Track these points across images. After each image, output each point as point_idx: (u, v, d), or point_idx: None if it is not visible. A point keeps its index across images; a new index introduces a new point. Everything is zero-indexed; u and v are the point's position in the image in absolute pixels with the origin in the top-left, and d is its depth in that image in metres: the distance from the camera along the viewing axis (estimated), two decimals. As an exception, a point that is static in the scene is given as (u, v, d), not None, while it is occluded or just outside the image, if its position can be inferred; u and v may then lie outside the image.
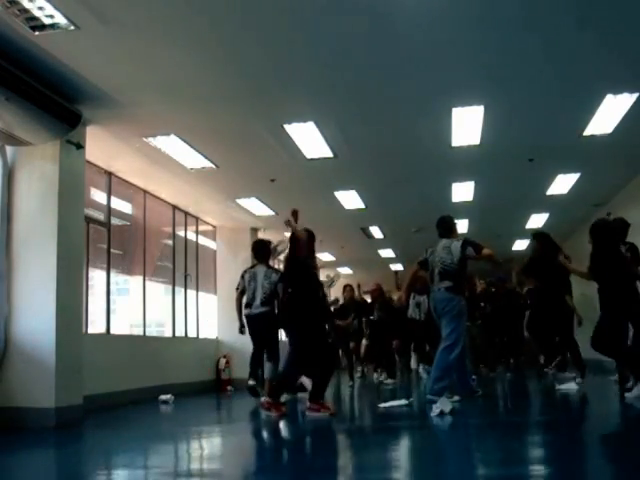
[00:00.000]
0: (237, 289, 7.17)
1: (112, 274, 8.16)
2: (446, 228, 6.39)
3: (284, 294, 6.16)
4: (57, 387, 5.45)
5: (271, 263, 7.57)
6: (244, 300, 7.07)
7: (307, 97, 6.06)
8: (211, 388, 10.19)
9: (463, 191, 9.56)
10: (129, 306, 9.30)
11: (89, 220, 7.33)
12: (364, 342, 11.32)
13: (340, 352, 9.95)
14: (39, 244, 5.66)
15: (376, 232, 12.62)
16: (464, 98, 6.15)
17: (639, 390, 5.71)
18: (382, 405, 6.13)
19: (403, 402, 6.09)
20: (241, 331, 7.10)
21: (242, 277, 7.11)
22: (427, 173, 8.72)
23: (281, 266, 14.60)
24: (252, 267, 7.17)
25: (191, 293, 10.55)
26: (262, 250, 7.22)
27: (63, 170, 5.79)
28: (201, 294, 10.92)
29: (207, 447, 4.66)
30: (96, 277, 8.02)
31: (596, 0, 4.56)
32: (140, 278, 8.95)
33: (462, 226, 12.19)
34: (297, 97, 6.06)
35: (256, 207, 9.96)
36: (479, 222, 11.81)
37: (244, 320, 7.04)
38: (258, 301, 6.88)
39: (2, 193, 5.71)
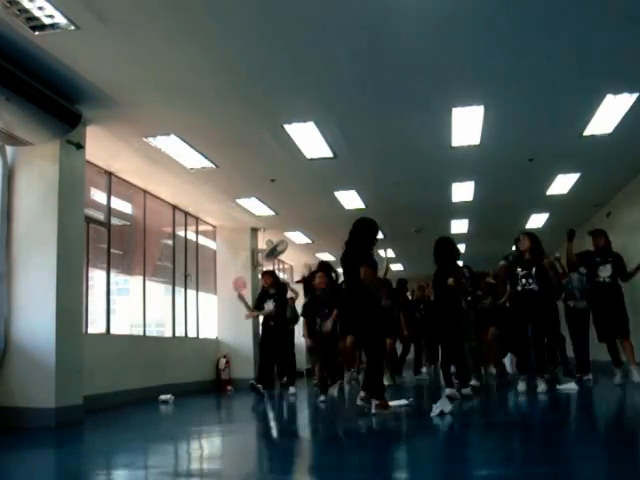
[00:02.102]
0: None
1: (112, 274, 8.16)
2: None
3: None
4: (57, 387, 5.45)
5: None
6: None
7: (307, 97, 6.06)
8: (211, 388, 10.19)
9: (463, 191, 9.55)
10: (129, 306, 9.31)
11: (89, 220, 7.33)
12: None
13: None
14: (39, 244, 5.66)
15: (376, 232, 12.59)
16: (464, 98, 6.14)
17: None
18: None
19: (403, 402, 6.08)
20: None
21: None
22: (427, 173, 8.71)
23: (282, 265, 14.51)
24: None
25: (191, 293, 10.55)
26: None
27: (63, 170, 5.80)
28: (201, 294, 10.92)
29: (207, 447, 4.66)
30: (96, 277, 8.02)
31: (595, 0, 4.57)
32: (140, 278, 8.95)
33: (462, 226, 12.21)
34: (297, 97, 6.05)
35: (256, 207, 9.96)
36: (479, 222, 11.81)
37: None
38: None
39: (2, 193, 5.71)
